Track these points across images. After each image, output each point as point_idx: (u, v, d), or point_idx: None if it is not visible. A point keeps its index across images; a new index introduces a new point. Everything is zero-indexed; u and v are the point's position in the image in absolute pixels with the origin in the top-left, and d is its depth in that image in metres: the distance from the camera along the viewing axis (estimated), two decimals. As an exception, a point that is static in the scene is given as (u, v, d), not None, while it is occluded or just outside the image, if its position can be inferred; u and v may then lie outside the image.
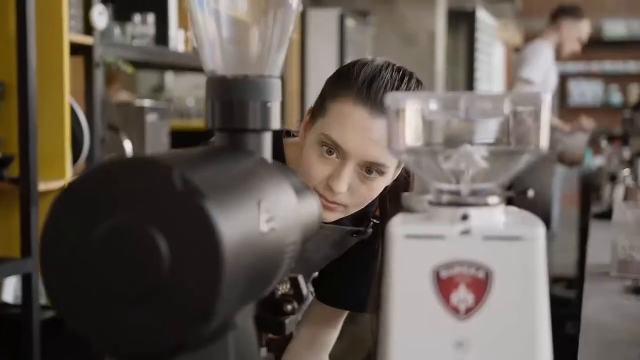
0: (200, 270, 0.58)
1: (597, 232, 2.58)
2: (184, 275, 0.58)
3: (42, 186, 2.48)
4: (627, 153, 3.80)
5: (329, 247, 1.47)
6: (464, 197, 0.68)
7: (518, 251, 0.65)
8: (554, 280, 5.38)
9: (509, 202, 0.71)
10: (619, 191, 2.68)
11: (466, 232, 0.65)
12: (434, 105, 0.68)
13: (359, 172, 1.28)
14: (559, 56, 4.77)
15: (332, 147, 1.27)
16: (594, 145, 5.38)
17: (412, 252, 0.66)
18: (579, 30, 4.68)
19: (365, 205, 1.34)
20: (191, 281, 0.58)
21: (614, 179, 3.12)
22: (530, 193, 0.69)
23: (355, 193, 1.29)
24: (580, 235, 4.93)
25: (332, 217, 1.33)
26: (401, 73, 1.30)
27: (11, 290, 2.93)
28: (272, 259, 0.69)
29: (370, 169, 1.28)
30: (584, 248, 2.63)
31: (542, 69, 4.59)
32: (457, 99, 0.67)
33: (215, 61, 0.76)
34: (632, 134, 3.82)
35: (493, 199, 0.68)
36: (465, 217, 0.66)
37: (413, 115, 0.68)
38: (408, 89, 1.29)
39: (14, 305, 2.86)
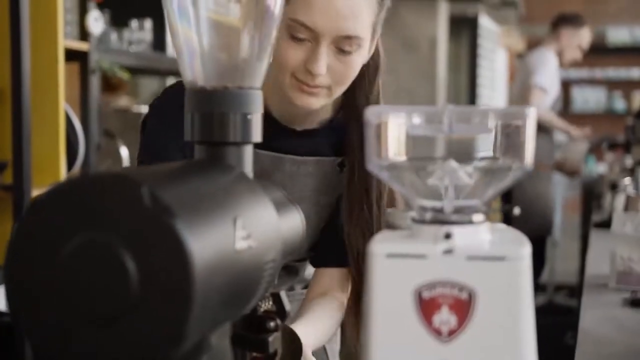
0: (170, 291, 0.56)
1: (597, 241, 2.55)
2: (153, 296, 0.56)
3: (36, 193, 2.45)
4: (629, 161, 3.77)
5: (317, 190, 1.42)
6: (448, 214, 0.65)
7: (502, 271, 0.62)
8: (556, 288, 5.34)
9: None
10: (620, 200, 2.65)
11: (449, 251, 0.63)
12: (416, 119, 0.65)
13: (333, 49, 1.27)
14: (560, 63, 4.76)
15: (301, 32, 1.25)
16: (596, 151, 5.35)
17: (393, 272, 0.64)
18: (578, 38, 4.66)
19: (347, 85, 1.32)
20: (160, 302, 0.56)
21: (614, 187, 3.08)
22: (516, 210, 0.67)
23: (334, 72, 1.28)
24: (581, 243, 4.90)
25: (317, 102, 1.31)
26: None
27: (3, 298, 2.90)
28: (249, 277, 0.66)
29: (344, 46, 1.26)
30: (585, 256, 2.61)
31: (551, 77, 4.58)
32: (440, 113, 0.65)
33: (195, 71, 0.74)
34: (634, 141, 3.79)
35: (477, 217, 0.65)
36: (448, 236, 0.64)
37: (395, 129, 0.66)
38: None
39: (6, 313, 2.83)
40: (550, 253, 5.30)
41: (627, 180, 2.78)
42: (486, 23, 7.24)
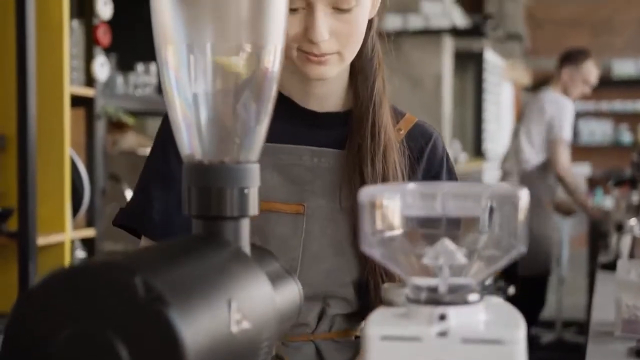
0: (163, 380, 0.56)
1: (603, 284, 2.53)
2: (147, 386, 0.56)
3: (41, 240, 2.45)
4: (635, 197, 3.75)
5: (340, 190, 1.29)
6: (442, 294, 0.65)
7: (497, 355, 0.62)
8: (565, 325, 5.31)
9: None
10: (626, 242, 2.63)
11: (443, 334, 0.63)
12: (410, 199, 0.65)
13: (331, 11, 1.18)
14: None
15: (292, 1, 1.15)
16: (603, 187, 5.32)
17: (389, 354, 0.63)
18: (581, 74, 4.62)
19: (358, 45, 1.23)
20: (154, 391, 0.56)
21: (620, 228, 3.05)
22: (511, 290, 0.67)
23: (339, 35, 1.19)
24: (588, 279, 4.88)
25: (329, 70, 1.22)
26: None
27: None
28: (244, 358, 0.66)
29: (341, 4, 1.18)
30: (592, 294, 2.59)
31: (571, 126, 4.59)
32: (434, 194, 0.65)
33: (192, 145, 0.74)
34: (640, 178, 3.77)
35: (473, 296, 0.65)
36: (442, 317, 0.63)
37: (388, 208, 0.66)
38: None
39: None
40: (558, 289, 5.27)
41: (633, 221, 2.75)
42: (491, 57, 7.26)
